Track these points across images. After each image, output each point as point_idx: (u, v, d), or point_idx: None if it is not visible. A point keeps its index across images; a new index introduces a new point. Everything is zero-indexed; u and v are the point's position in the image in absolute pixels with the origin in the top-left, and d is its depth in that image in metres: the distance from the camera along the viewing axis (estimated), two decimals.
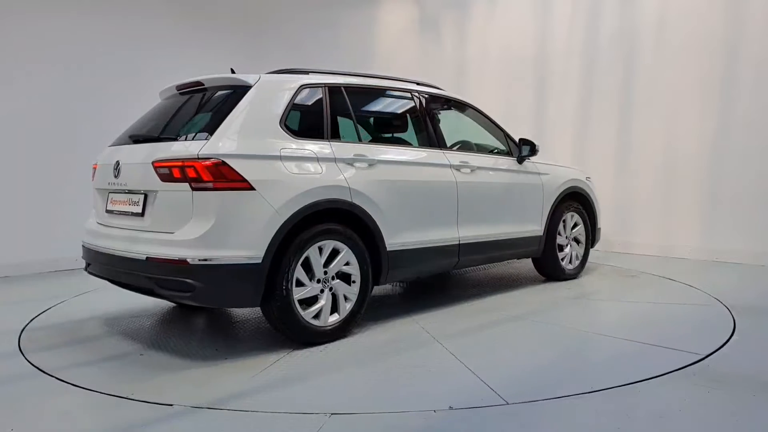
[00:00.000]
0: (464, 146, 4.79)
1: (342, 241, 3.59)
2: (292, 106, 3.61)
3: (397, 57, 8.43)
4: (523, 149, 4.85)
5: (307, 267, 3.46)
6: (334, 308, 3.60)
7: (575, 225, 5.37)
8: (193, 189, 3.16)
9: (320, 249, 3.50)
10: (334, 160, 3.63)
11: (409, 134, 4.56)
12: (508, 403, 2.60)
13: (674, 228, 6.57)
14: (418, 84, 4.57)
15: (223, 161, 3.17)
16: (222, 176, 3.16)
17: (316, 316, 3.50)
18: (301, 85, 3.71)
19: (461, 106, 4.88)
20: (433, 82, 4.84)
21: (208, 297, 3.26)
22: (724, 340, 3.46)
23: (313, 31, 8.48)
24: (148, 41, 7.09)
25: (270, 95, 3.57)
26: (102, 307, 4.67)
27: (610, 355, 3.35)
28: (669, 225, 6.61)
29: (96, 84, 6.64)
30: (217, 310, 4.45)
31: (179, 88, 3.93)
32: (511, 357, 3.29)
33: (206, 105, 3.65)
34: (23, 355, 3.49)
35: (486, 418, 2.48)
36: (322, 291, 3.52)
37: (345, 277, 3.64)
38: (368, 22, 8.65)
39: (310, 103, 3.80)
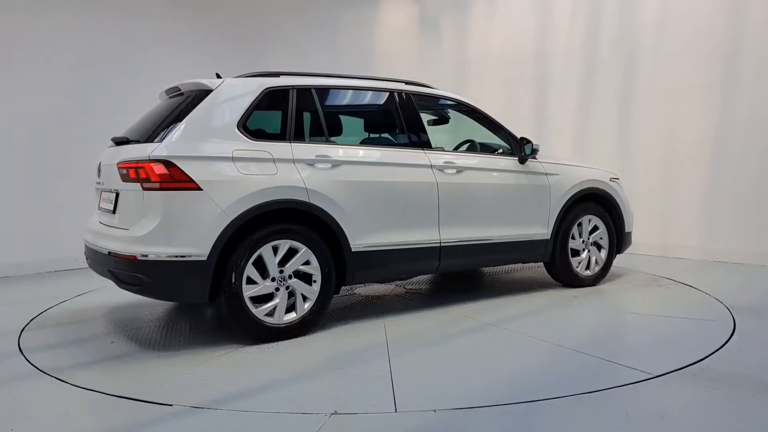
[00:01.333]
0: (471, 146, 4.74)
1: (300, 241, 3.63)
2: (254, 109, 3.71)
3: (397, 57, 8.43)
4: (525, 149, 4.64)
5: (262, 265, 3.53)
6: (294, 307, 3.66)
7: (595, 228, 5.02)
8: (144, 189, 3.35)
9: (275, 248, 3.56)
10: (293, 161, 3.67)
11: (389, 134, 4.50)
12: (396, 411, 2.57)
13: (674, 228, 6.58)
14: (406, 83, 4.45)
15: (170, 162, 3.32)
16: (170, 177, 3.31)
17: (270, 313, 3.56)
18: (266, 88, 3.78)
19: (454, 104, 4.73)
20: (433, 81, 4.79)
21: (156, 291, 3.49)
22: (724, 340, 3.45)
23: (313, 31, 8.48)
24: (148, 42, 7.08)
25: (228, 99, 3.68)
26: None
27: (558, 371, 3.05)
28: (669, 225, 6.61)
29: (97, 85, 6.64)
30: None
31: (167, 92, 4.11)
32: (446, 371, 3.10)
33: (176, 109, 3.77)
34: (23, 355, 3.50)
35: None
36: (277, 289, 3.57)
37: (306, 277, 3.69)
38: (368, 22, 8.65)
39: (274, 106, 3.88)
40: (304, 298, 3.69)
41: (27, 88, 6.24)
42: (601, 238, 5.08)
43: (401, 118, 4.29)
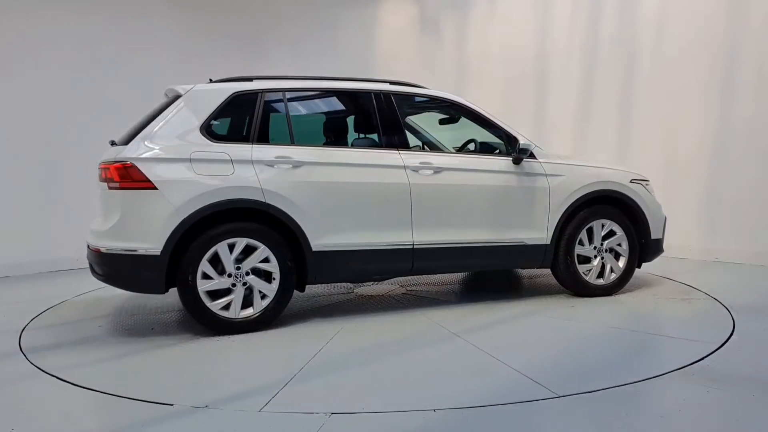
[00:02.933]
0: (474, 146, 4.67)
1: (258, 239, 3.76)
2: (219, 113, 3.92)
3: (397, 57, 8.43)
4: (517, 149, 4.35)
5: (219, 261, 3.71)
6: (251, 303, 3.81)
7: (611, 234, 4.59)
8: (109, 188, 3.69)
9: (231, 245, 3.72)
10: (251, 162, 3.79)
11: (363, 135, 4.46)
12: (260, 411, 2.58)
13: (674, 228, 6.56)
14: (391, 83, 4.38)
15: (131, 164, 3.60)
16: (129, 177, 3.61)
17: (226, 308, 3.72)
18: (233, 93, 3.95)
19: (442, 102, 4.58)
20: (433, 81, 4.77)
21: (118, 282, 3.83)
22: (723, 340, 3.46)
23: (313, 31, 8.47)
24: (149, 43, 7.07)
25: (195, 104, 3.87)
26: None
27: (488, 391, 2.77)
28: (669, 225, 6.58)
29: (97, 85, 6.64)
30: None
31: (164, 96, 4.26)
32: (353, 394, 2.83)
33: (153, 114, 3.95)
34: (24, 354, 3.50)
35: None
36: (234, 285, 3.73)
37: (266, 274, 3.82)
38: (368, 22, 8.65)
39: (240, 109, 4.03)
40: (263, 295, 3.80)
41: (26, 88, 6.24)
42: (618, 245, 4.63)
43: (377, 119, 4.24)
